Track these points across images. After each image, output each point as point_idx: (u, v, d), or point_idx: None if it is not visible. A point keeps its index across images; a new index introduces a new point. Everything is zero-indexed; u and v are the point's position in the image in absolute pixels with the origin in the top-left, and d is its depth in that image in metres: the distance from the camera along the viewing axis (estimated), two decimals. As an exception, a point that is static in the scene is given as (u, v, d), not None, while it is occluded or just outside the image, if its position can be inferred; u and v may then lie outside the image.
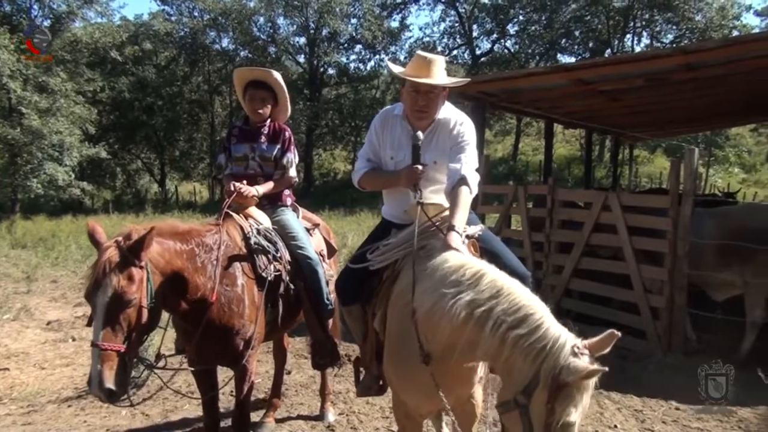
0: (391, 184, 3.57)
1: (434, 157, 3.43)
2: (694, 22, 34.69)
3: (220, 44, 38.93)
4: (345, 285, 3.66)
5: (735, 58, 7.80)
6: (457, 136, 3.43)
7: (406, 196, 3.46)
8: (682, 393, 5.87)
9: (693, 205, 6.83)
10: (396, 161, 3.52)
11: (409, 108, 3.45)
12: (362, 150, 3.74)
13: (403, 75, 3.43)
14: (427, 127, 3.45)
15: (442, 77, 3.36)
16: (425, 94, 3.36)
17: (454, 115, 3.50)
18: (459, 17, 41.14)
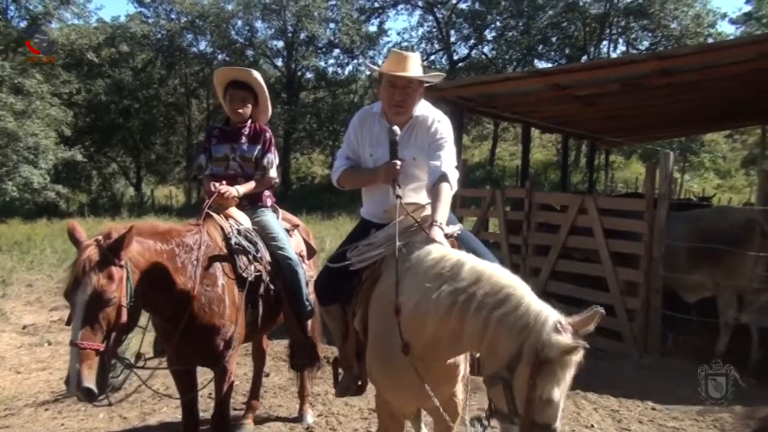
0: (369, 181, 3.59)
1: (413, 153, 3.47)
2: (669, 29, 35.15)
3: (197, 47, 38.69)
4: (324, 285, 3.66)
5: (710, 65, 7.95)
6: (435, 133, 3.46)
7: (385, 195, 3.49)
8: (657, 393, 5.97)
9: (668, 209, 6.94)
10: (375, 158, 3.55)
11: (387, 103, 3.49)
12: (341, 149, 3.77)
13: (380, 70, 3.48)
14: (405, 124, 3.48)
15: (417, 72, 3.41)
16: (402, 88, 3.41)
17: (431, 112, 3.55)
18: (437, 22, 41.30)
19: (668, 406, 5.70)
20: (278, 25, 38.53)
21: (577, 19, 37.51)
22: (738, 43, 8.68)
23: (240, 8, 37.49)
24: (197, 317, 3.73)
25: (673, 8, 34.35)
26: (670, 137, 21.74)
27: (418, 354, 2.81)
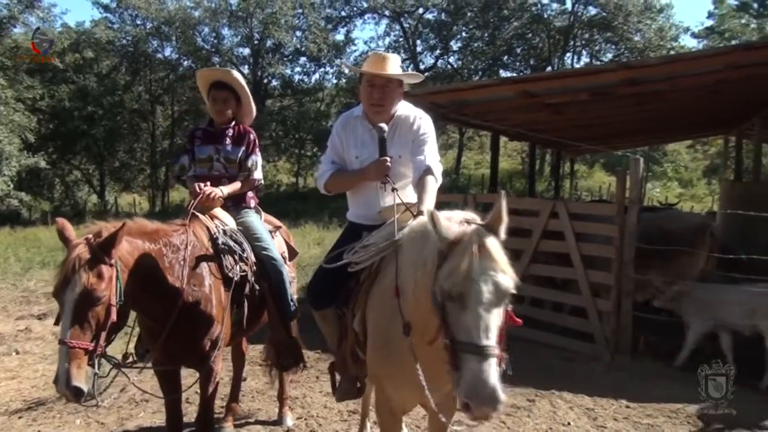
0: (359, 181, 3.63)
1: (398, 151, 3.54)
2: (633, 42, 35.95)
3: (162, 53, 38.40)
4: (319, 287, 3.65)
5: (676, 75, 8.17)
6: (418, 130, 3.56)
7: (374, 196, 3.56)
8: (631, 392, 6.12)
9: (638, 213, 7.12)
10: (361, 160, 3.60)
11: (366, 103, 3.57)
12: (325, 155, 3.81)
13: (359, 70, 3.57)
14: (387, 123, 3.54)
15: (396, 72, 3.49)
16: (380, 88, 3.49)
17: (413, 111, 3.64)
18: (403, 32, 41.62)
19: (642, 404, 5.85)
20: (245, 32, 38.50)
21: (542, 30, 38.18)
22: (704, 54, 8.95)
23: (206, 15, 37.35)
24: (184, 317, 3.72)
25: (636, 21, 35.17)
26: (635, 146, 22.19)
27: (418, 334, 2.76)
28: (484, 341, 2.24)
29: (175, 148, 37.28)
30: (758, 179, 15.22)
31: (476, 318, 2.27)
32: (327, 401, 5.84)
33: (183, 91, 37.61)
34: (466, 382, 2.23)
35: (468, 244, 2.35)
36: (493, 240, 2.38)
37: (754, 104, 11.92)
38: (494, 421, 5.39)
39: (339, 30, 41.97)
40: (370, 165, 3.50)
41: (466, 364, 2.24)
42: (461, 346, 2.28)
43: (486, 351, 2.22)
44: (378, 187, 3.52)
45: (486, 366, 2.20)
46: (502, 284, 2.30)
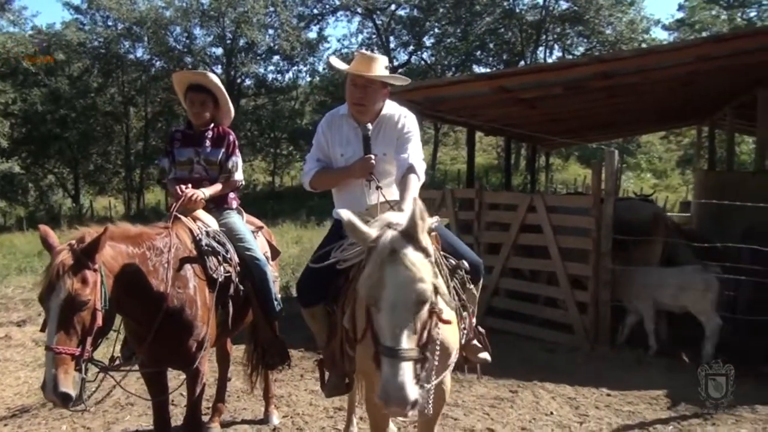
0: (344, 178, 3.67)
1: (383, 149, 3.58)
2: (604, 35, 36.25)
3: (134, 54, 38.05)
4: (308, 285, 3.67)
5: (649, 68, 8.29)
6: (403, 128, 3.61)
7: (360, 194, 3.59)
8: (611, 381, 6.24)
9: (614, 204, 7.24)
10: (346, 158, 3.65)
11: (349, 101, 3.61)
12: (310, 153, 3.85)
13: (344, 69, 3.61)
14: (372, 122, 3.59)
15: (380, 73, 3.52)
16: (362, 87, 3.52)
17: (397, 110, 3.69)
18: (376, 29, 41.64)
19: (622, 392, 5.98)
20: (217, 32, 38.30)
21: (514, 25, 38.36)
22: (677, 46, 9.08)
23: (178, 15, 37.03)
24: (170, 319, 3.73)
25: (607, 14, 35.47)
26: (609, 139, 22.45)
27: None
28: (396, 345, 2.32)
29: (149, 150, 36.99)
30: (732, 168, 15.48)
31: (388, 322, 2.36)
32: (312, 399, 5.88)
33: (156, 93, 37.30)
34: (381, 383, 2.34)
35: (382, 251, 2.43)
36: (407, 246, 2.43)
37: (725, 95, 12.13)
38: (478, 413, 5.48)
39: (311, 28, 41.90)
40: (355, 163, 3.55)
41: (383, 366, 2.35)
42: (379, 348, 2.41)
43: (398, 354, 2.31)
44: (363, 184, 3.56)
45: (397, 369, 2.29)
46: (415, 290, 2.36)
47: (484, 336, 3.74)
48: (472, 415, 5.41)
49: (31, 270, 13.60)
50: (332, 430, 5.19)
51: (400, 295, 2.35)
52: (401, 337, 2.33)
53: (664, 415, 5.41)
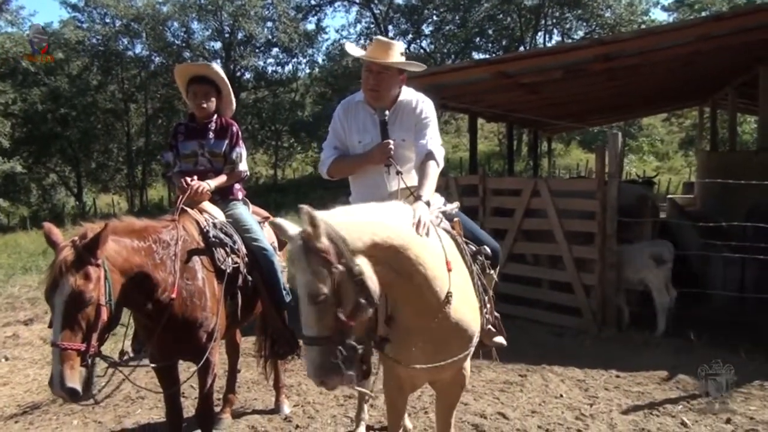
0: (363, 165, 3.66)
1: (401, 135, 3.58)
2: (603, 18, 36.08)
3: (133, 51, 37.98)
4: None
5: (649, 49, 8.27)
6: (420, 113, 3.60)
7: (380, 181, 3.57)
8: (620, 362, 6.26)
9: (619, 187, 7.23)
10: (364, 144, 3.64)
11: (364, 88, 3.60)
12: (327, 141, 3.83)
13: (359, 55, 3.61)
14: (390, 108, 3.58)
15: (395, 59, 3.51)
16: (376, 74, 3.51)
17: (414, 96, 3.67)
18: (374, 18, 41.48)
19: (631, 373, 5.99)
20: (215, 26, 38.20)
21: (513, 11, 38.18)
22: (677, 26, 9.05)
23: (175, 10, 36.93)
24: (179, 311, 3.75)
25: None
26: (610, 122, 22.38)
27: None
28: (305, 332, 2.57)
29: (150, 146, 36.97)
30: (734, 148, 15.45)
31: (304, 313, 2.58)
32: (321, 388, 5.89)
33: (156, 89, 37.27)
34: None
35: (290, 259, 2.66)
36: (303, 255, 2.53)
37: (726, 74, 12.11)
38: (488, 397, 5.50)
39: (309, 19, 41.72)
40: (373, 148, 3.55)
41: None
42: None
43: (306, 341, 2.57)
44: (383, 171, 3.54)
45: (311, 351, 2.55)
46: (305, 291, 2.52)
47: (499, 320, 3.75)
48: (482, 400, 5.44)
49: (36, 269, 13.62)
50: (343, 417, 5.22)
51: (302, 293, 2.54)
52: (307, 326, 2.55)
53: (674, 395, 5.43)
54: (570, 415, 5.09)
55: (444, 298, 2.89)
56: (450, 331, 3.00)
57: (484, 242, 3.61)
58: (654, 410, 5.11)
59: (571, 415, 5.07)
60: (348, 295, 2.55)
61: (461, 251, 3.31)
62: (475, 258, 3.45)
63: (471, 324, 3.11)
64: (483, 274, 3.48)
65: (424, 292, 2.85)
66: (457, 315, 2.98)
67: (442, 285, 2.88)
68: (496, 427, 4.90)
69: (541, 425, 4.91)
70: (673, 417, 4.97)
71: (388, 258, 2.69)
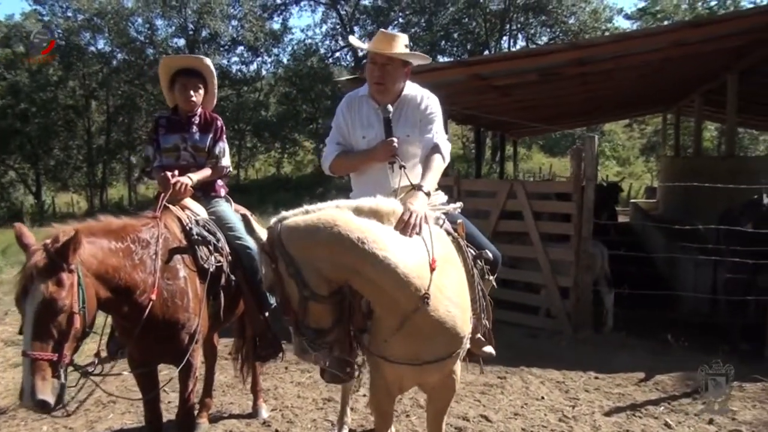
0: (366, 162, 3.60)
1: (406, 131, 3.53)
2: (567, 24, 36.52)
3: (95, 46, 37.14)
4: None
5: (623, 54, 8.34)
6: (426, 109, 3.56)
7: (383, 177, 3.51)
8: (597, 364, 6.30)
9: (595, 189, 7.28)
10: (368, 139, 3.58)
11: (369, 81, 3.55)
12: (330, 136, 3.76)
13: (364, 47, 3.60)
14: (393, 103, 3.52)
15: (398, 49, 3.45)
16: (381, 66, 3.46)
17: (419, 91, 3.64)
18: (340, 19, 41.33)
19: (609, 374, 6.04)
20: (179, 23, 37.60)
21: (478, 15, 38.43)
22: (651, 32, 9.14)
23: (139, 5, 36.26)
24: (160, 312, 3.61)
25: (570, 4, 35.73)
26: (576, 126, 22.69)
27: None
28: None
29: (111, 144, 36.27)
30: (699, 154, 15.73)
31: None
32: (300, 391, 5.82)
33: (118, 85, 36.48)
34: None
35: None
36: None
37: (693, 81, 12.33)
38: (469, 400, 5.47)
39: (275, 18, 41.42)
40: (377, 145, 3.48)
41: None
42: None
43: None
44: (386, 167, 3.48)
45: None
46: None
47: (489, 330, 3.71)
48: (464, 402, 5.39)
49: (-6, 268, 13.21)
50: (323, 421, 5.13)
51: None
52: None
53: (654, 396, 5.48)
54: (553, 417, 5.08)
55: (420, 297, 2.83)
56: (433, 329, 2.94)
57: (485, 247, 3.57)
58: (636, 411, 5.14)
59: (554, 417, 5.07)
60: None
61: (463, 254, 3.28)
62: (476, 262, 3.41)
63: (458, 325, 3.04)
64: (482, 279, 3.45)
65: (393, 291, 2.80)
66: (441, 314, 2.93)
67: (416, 284, 2.81)
68: (479, 430, 4.87)
69: (525, 428, 4.90)
70: (655, 418, 5.00)
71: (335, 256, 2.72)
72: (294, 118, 39.85)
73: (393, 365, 3.08)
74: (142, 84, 36.41)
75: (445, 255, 3.04)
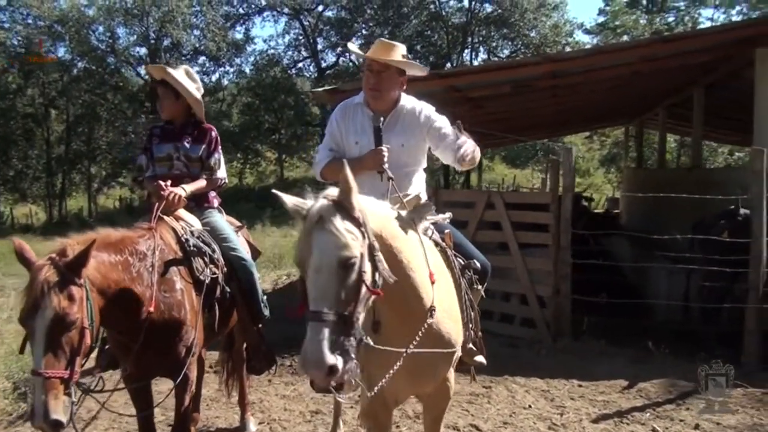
0: (356, 169, 3.56)
1: (401, 140, 3.54)
2: (529, 38, 37.06)
3: (56, 54, 36.42)
4: None
5: (593, 68, 8.52)
6: (428, 117, 3.59)
7: (374, 185, 3.46)
8: (579, 372, 6.39)
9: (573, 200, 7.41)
10: (361, 145, 3.58)
11: (365, 88, 3.57)
12: (323, 143, 3.78)
13: (361, 54, 3.62)
14: (389, 112, 3.55)
15: (394, 57, 3.48)
16: (377, 73, 3.49)
17: (417, 103, 3.67)
18: (303, 30, 41.30)
19: (592, 382, 6.12)
20: (141, 31, 37.09)
21: (441, 28, 38.80)
22: (623, 47, 9.37)
23: (101, 13, 35.70)
24: (157, 325, 3.54)
25: (532, 18, 36.26)
26: (542, 138, 22.99)
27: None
28: (315, 307, 2.30)
29: (71, 154, 35.57)
30: (663, 165, 16.09)
31: (312, 286, 2.36)
32: (286, 404, 5.77)
33: (78, 94, 35.83)
34: (302, 348, 2.28)
35: (311, 218, 2.43)
36: (335, 215, 2.41)
37: (659, 95, 12.63)
38: (457, 410, 5.49)
39: (238, 28, 41.23)
40: (366, 154, 3.48)
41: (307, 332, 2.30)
42: (305, 313, 2.35)
43: (318, 317, 2.27)
44: (375, 176, 3.45)
45: (315, 331, 2.25)
46: (337, 255, 2.34)
47: (481, 339, 3.74)
48: (452, 412, 5.41)
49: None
50: (310, 434, 5.11)
51: (324, 260, 2.33)
52: (320, 301, 2.31)
53: (639, 403, 5.57)
54: (542, 425, 5.14)
55: (428, 309, 2.84)
56: (433, 343, 2.94)
57: (474, 257, 3.58)
58: (623, 418, 5.22)
59: (544, 426, 5.13)
60: (368, 270, 2.45)
61: (450, 264, 3.29)
62: (464, 272, 3.42)
63: (453, 337, 3.07)
64: (470, 288, 3.46)
65: (411, 300, 2.80)
66: (441, 327, 2.94)
67: (426, 295, 2.84)
68: (471, 439, 4.90)
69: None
70: (642, 425, 5.09)
71: (385, 253, 2.60)
72: (256, 129, 39.66)
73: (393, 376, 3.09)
74: (103, 93, 35.87)
75: (436, 266, 3.06)
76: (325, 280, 2.33)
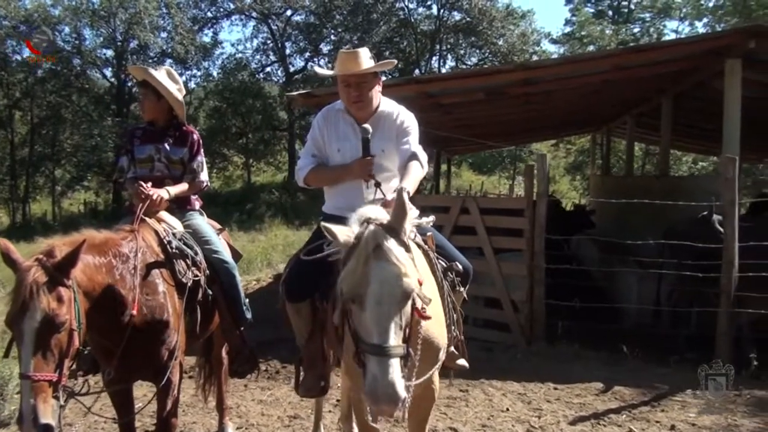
0: (342, 178, 3.60)
1: (381, 146, 3.54)
2: (497, 46, 37.35)
3: (20, 54, 35.65)
4: (298, 281, 3.57)
5: (569, 75, 8.64)
6: (402, 124, 3.61)
7: (358, 189, 3.52)
8: (554, 375, 6.46)
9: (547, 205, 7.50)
10: (343, 152, 3.60)
11: (347, 102, 3.57)
12: (305, 148, 3.78)
13: (332, 73, 3.64)
14: (370, 118, 3.55)
15: (367, 65, 3.48)
16: (356, 85, 3.49)
17: (396, 107, 3.69)
18: (271, 34, 41.09)
19: (568, 385, 6.20)
20: (107, 33, 36.54)
21: (410, 35, 38.91)
22: (595, 56, 9.52)
23: (67, 14, 35.12)
24: (140, 329, 3.50)
25: (500, 26, 36.56)
26: (511, 145, 23.21)
27: None
28: (384, 341, 2.30)
29: (35, 157, 34.87)
30: (631, 173, 16.35)
31: (374, 319, 2.33)
32: (263, 409, 5.75)
33: (43, 95, 35.11)
34: (368, 382, 2.30)
35: (364, 247, 2.40)
36: (390, 240, 2.41)
37: (627, 104, 12.83)
38: (435, 413, 5.49)
39: (206, 31, 40.85)
40: (353, 162, 3.49)
41: (368, 364, 2.31)
42: (363, 346, 2.36)
43: (385, 351, 2.28)
44: (362, 182, 3.50)
45: (385, 366, 2.26)
46: (400, 285, 2.35)
47: (463, 343, 3.76)
48: (431, 416, 5.42)
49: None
50: (292, 439, 5.09)
51: (386, 291, 2.32)
52: (389, 334, 2.30)
53: (614, 405, 5.66)
54: (521, 428, 5.19)
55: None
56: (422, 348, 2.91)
57: (456, 259, 3.61)
58: (600, 420, 5.30)
59: (522, 428, 5.18)
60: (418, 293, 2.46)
61: (433, 266, 3.30)
62: (446, 274, 3.44)
63: (439, 340, 3.09)
64: (453, 291, 3.48)
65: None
66: (427, 332, 2.93)
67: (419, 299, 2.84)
68: (451, 442, 4.93)
69: (495, 439, 4.98)
70: (619, 426, 5.17)
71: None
72: (224, 133, 39.24)
73: None
74: (68, 95, 35.23)
75: (422, 268, 3.08)
76: (388, 312, 2.32)
